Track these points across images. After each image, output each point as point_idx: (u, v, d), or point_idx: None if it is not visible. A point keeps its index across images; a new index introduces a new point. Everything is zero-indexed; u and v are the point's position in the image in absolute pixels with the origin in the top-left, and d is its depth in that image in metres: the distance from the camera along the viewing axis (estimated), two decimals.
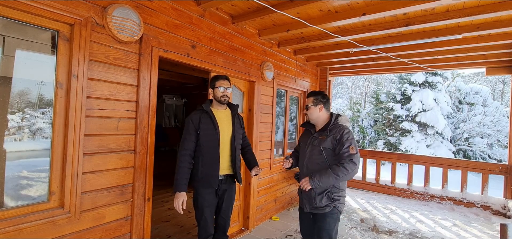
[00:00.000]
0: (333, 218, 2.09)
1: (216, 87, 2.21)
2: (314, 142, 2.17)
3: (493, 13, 2.58)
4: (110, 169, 2.03)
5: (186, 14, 2.60)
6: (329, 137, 2.09)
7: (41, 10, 1.65)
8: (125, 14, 2.00)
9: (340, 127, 2.11)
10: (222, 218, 2.30)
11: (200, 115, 2.16)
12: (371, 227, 4.02)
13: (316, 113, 2.20)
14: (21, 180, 1.82)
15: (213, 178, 2.14)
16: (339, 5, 2.75)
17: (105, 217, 2.01)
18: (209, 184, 2.14)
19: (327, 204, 2.07)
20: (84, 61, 1.83)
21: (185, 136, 2.14)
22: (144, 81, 2.21)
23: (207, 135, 2.14)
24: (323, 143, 2.09)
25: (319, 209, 2.10)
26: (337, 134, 2.06)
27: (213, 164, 2.14)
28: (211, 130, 2.15)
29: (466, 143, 11.39)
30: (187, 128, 2.15)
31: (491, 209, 4.70)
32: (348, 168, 1.96)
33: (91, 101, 1.90)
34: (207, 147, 2.13)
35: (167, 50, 2.40)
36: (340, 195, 2.12)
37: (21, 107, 1.88)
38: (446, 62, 4.58)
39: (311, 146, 2.18)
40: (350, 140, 2.03)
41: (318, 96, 2.21)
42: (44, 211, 1.70)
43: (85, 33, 1.83)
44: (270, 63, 3.87)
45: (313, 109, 2.20)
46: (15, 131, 1.93)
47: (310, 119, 2.24)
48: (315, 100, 2.20)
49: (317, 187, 2.03)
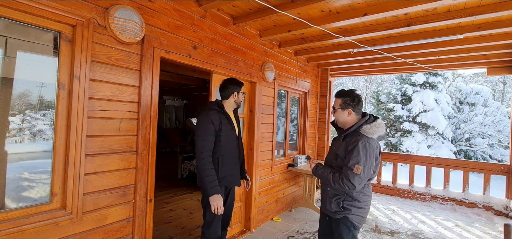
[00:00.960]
0: (346, 227, 1.92)
1: (240, 92, 2.33)
2: (334, 145, 2.04)
3: (494, 13, 2.58)
4: (112, 170, 2.03)
5: (188, 15, 2.60)
6: (343, 144, 1.90)
7: (43, 11, 1.65)
8: (127, 15, 2.00)
9: (359, 136, 1.82)
10: (226, 214, 2.36)
11: (220, 116, 2.19)
12: (373, 228, 4.01)
13: (344, 118, 1.95)
14: (22, 182, 1.82)
15: (235, 177, 2.26)
16: (340, 6, 2.76)
17: (107, 218, 2.01)
18: (230, 183, 2.23)
19: (337, 210, 1.93)
20: (86, 62, 1.83)
21: (205, 137, 2.10)
22: (146, 82, 2.21)
23: (228, 136, 2.21)
24: (338, 149, 1.93)
25: (329, 212, 2.02)
26: (352, 144, 1.81)
27: (234, 164, 2.26)
28: (230, 130, 2.24)
29: (467, 143, 11.37)
30: (207, 128, 2.11)
31: (493, 210, 4.69)
32: (343, 185, 1.80)
33: (93, 102, 1.90)
34: (228, 147, 2.20)
35: (169, 51, 2.40)
36: (353, 205, 1.89)
37: (22, 109, 1.88)
38: (447, 63, 4.57)
39: (332, 149, 2.07)
40: (359, 157, 1.76)
41: (347, 99, 1.93)
42: (46, 213, 1.70)
43: (87, 34, 1.83)
44: (271, 64, 3.87)
45: (340, 113, 1.96)
46: (16, 133, 1.93)
47: (338, 123, 2.02)
48: (343, 103, 1.94)
49: (316, 176, 2.05)
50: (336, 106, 1.98)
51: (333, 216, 2.00)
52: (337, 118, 2.00)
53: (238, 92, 2.32)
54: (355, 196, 1.90)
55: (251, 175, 3.60)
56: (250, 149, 3.62)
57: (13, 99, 1.81)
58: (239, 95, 2.33)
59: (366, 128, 1.84)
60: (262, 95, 3.73)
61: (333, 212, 1.97)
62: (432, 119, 10.69)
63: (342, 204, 1.90)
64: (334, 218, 1.99)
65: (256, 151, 3.63)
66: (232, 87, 2.31)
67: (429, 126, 10.93)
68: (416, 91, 11.44)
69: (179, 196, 5.03)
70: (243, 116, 3.57)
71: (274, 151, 4.10)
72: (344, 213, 1.90)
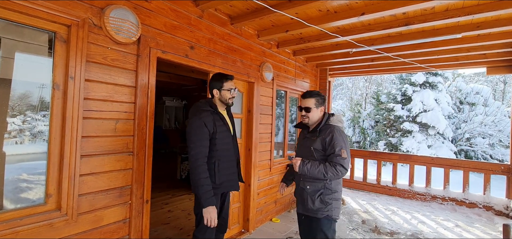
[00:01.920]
0: (329, 223, 2.01)
1: (224, 88, 2.08)
2: (306, 143, 2.12)
3: (493, 11, 2.57)
4: (108, 171, 2.02)
5: (185, 15, 2.60)
6: (318, 138, 2.02)
7: (38, 11, 1.64)
8: (122, 15, 1.99)
9: (331, 127, 2.03)
10: (223, 218, 2.26)
11: (213, 117, 2.03)
12: (372, 228, 3.99)
13: (318, 115, 2.11)
14: (21, 183, 1.80)
15: (233, 182, 2.13)
16: (338, 5, 2.74)
17: (103, 219, 1.99)
18: (229, 189, 2.12)
19: (320, 207, 1.99)
20: (81, 62, 1.82)
21: (200, 142, 1.93)
22: (142, 82, 2.20)
23: (224, 139, 2.06)
24: (313, 144, 2.04)
25: (310, 212, 2.03)
26: (327, 135, 1.99)
27: (232, 168, 2.13)
28: (225, 132, 2.09)
29: (467, 143, 11.34)
30: (201, 132, 1.94)
31: (493, 210, 4.66)
32: (338, 172, 1.92)
33: (89, 103, 1.89)
34: (224, 150, 2.06)
35: (166, 51, 2.39)
36: (333, 197, 2.02)
37: (22, 110, 1.87)
38: (447, 62, 4.56)
39: (303, 147, 2.14)
40: (341, 143, 1.96)
41: (319, 98, 2.10)
42: (41, 214, 1.68)
43: (82, 34, 1.82)
44: (270, 64, 3.86)
45: (316, 111, 2.10)
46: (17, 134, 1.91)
47: (310, 122, 2.12)
48: (317, 102, 2.09)
49: (304, 173, 1.97)
50: (311, 105, 2.08)
51: (314, 216, 2.02)
52: (312, 117, 2.09)
53: (220, 89, 2.08)
54: (334, 187, 2.02)
55: (250, 176, 3.58)
56: (248, 150, 3.61)
57: (14, 100, 1.80)
58: (221, 92, 2.09)
59: (334, 120, 2.08)
60: (260, 95, 3.72)
61: (315, 211, 2.00)
62: (432, 119, 10.66)
63: (325, 199, 1.98)
64: (315, 218, 2.02)
65: (254, 151, 3.61)
66: (212, 84, 2.11)
67: (429, 126, 10.91)
68: (416, 91, 11.42)
69: (178, 197, 5.02)
70: (241, 116, 3.55)
71: (273, 152, 4.09)
72: (326, 210, 1.99)
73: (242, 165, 3.60)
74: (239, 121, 3.54)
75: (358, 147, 13.49)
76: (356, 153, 6.40)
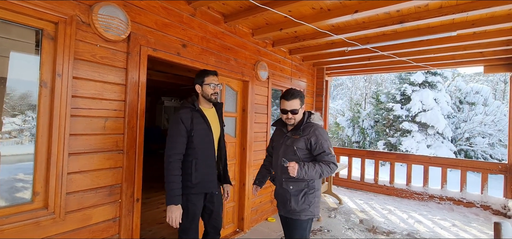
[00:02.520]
0: (309, 223, 2.01)
1: (205, 83, 2.04)
2: (287, 141, 2.03)
3: (487, 8, 2.55)
4: (97, 169, 2.00)
5: (176, 13, 2.58)
6: (302, 137, 1.96)
7: (24, 8, 1.63)
8: (111, 13, 1.98)
9: (314, 126, 1.99)
10: (215, 220, 2.18)
11: (192, 114, 1.98)
12: (369, 228, 3.97)
13: (301, 115, 2.06)
14: (16, 183, 1.79)
15: (211, 183, 2.04)
16: (331, 3, 2.73)
17: (92, 218, 1.98)
18: (206, 189, 2.02)
19: (304, 208, 1.94)
20: (69, 60, 1.81)
21: (175, 138, 1.91)
22: (132, 80, 2.19)
23: (201, 136, 1.99)
24: (296, 143, 1.97)
25: (293, 213, 1.97)
26: (312, 134, 1.94)
27: (210, 168, 2.03)
28: (205, 130, 2.01)
29: (467, 143, 11.29)
30: (177, 128, 1.93)
31: (491, 209, 4.64)
32: (331, 169, 1.91)
33: (77, 101, 1.88)
34: (202, 149, 1.99)
35: (157, 49, 2.38)
36: (316, 195, 2.00)
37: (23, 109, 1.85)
38: (443, 61, 4.53)
39: (284, 146, 2.04)
40: (327, 140, 1.96)
41: (302, 98, 2.05)
42: (28, 212, 1.67)
43: (70, 31, 1.81)
44: (265, 62, 3.84)
45: (301, 112, 2.04)
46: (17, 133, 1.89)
47: (295, 123, 2.05)
48: (301, 102, 2.03)
49: (302, 177, 1.86)
50: (297, 107, 2.00)
51: (297, 217, 1.96)
52: (297, 118, 2.03)
53: (201, 85, 2.04)
54: (316, 185, 2.01)
55: (244, 175, 3.57)
56: (243, 149, 3.59)
57: (14, 100, 1.79)
58: (202, 87, 2.04)
59: (315, 117, 2.08)
60: (255, 94, 3.70)
61: (298, 212, 1.95)
62: (431, 118, 10.62)
63: (309, 198, 1.96)
64: (295, 220, 1.97)
65: (249, 150, 3.60)
66: (195, 80, 2.09)
67: (428, 126, 10.87)
68: (415, 91, 11.37)
69: None
70: (236, 115, 3.54)
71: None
72: (309, 208, 1.96)
73: (237, 164, 3.58)
74: (234, 120, 3.53)
75: (357, 147, 13.45)
76: (354, 152, 6.38)
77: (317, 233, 3.72)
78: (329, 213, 4.50)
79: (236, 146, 3.54)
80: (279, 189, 2.10)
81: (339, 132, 14.37)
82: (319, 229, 3.84)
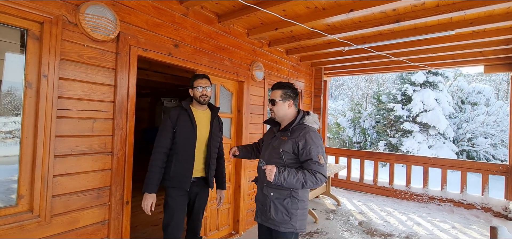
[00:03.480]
0: (292, 237, 1.81)
1: (194, 87, 2.14)
2: (274, 142, 1.87)
3: (485, 7, 2.49)
4: (84, 172, 1.97)
5: (168, 12, 2.55)
6: (290, 140, 1.78)
7: (8, 8, 1.60)
8: (99, 12, 1.95)
9: (305, 128, 1.78)
10: (193, 220, 2.23)
11: (179, 112, 2.09)
12: (367, 230, 3.91)
13: (284, 110, 1.87)
14: (13, 184, 1.76)
15: (185, 179, 2.05)
16: (326, 2, 2.69)
17: (79, 221, 1.95)
18: (179, 184, 2.05)
19: (283, 220, 1.75)
20: (55, 60, 1.78)
21: (161, 133, 2.06)
22: (122, 81, 2.16)
23: (184, 133, 2.06)
24: (283, 145, 1.79)
25: (272, 223, 1.80)
26: (301, 138, 1.74)
27: (187, 164, 2.06)
28: (188, 128, 2.07)
29: (469, 143, 11.17)
30: (164, 124, 2.07)
31: (492, 211, 4.56)
32: (318, 180, 1.69)
33: (63, 102, 1.85)
34: (182, 145, 2.05)
35: (147, 49, 2.34)
36: (300, 207, 1.77)
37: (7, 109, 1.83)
38: (442, 60, 4.47)
39: (271, 146, 1.88)
40: (318, 147, 1.73)
41: (287, 90, 1.87)
42: (11, 216, 1.64)
43: (55, 31, 1.78)
44: (261, 63, 3.80)
45: (281, 105, 1.86)
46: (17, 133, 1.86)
47: (276, 117, 1.90)
48: (283, 95, 1.86)
49: (280, 183, 1.67)
50: (276, 97, 1.85)
51: (277, 229, 1.77)
52: (277, 111, 1.87)
53: (192, 88, 2.15)
54: (301, 196, 1.79)
55: (239, 177, 3.53)
56: None
57: (17, 101, 1.77)
58: (193, 90, 2.14)
59: (310, 120, 1.85)
60: (250, 95, 3.66)
61: (278, 222, 1.76)
62: (432, 119, 10.52)
63: (291, 210, 1.75)
64: (278, 231, 1.78)
65: None
66: (190, 83, 2.19)
67: (429, 126, 10.77)
68: (416, 91, 11.28)
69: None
70: (231, 116, 3.50)
71: None
72: (291, 222, 1.76)
73: (232, 166, 3.54)
74: (229, 121, 3.49)
75: (358, 148, 13.37)
76: (353, 153, 6.31)
77: (314, 235, 3.67)
78: (327, 215, 4.45)
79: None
80: (259, 194, 1.94)
81: (340, 133, 14.30)
82: (316, 231, 3.79)
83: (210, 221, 3.19)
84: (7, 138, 1.75)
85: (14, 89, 1.75)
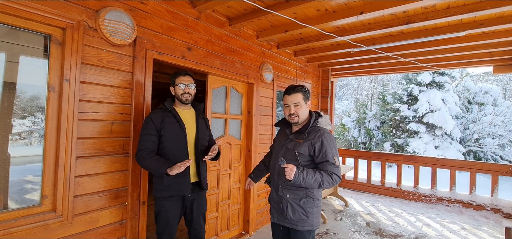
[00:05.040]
0: (309, 236, 1.84)
1: (175, 84, 2.01)
2: (289, 144, 1.86)
3: (496, 8, 2.49)
4: (103, 173, 2.02)
5: (182, 16, 2.60)
6: (306, 142, 1.78)
7: (33, 14, 1.66)
8: (117, 17, 2.00)
9: (320, 130, 1.80)
10: (195, 229, 2.13)
11: (163, 115, 1.95)
12: (375, 231, 3.92)
13: (306, 111, 1.87)
14: (26, 184, 1.82)
15: (184, 185, 1.95)
16: (336, 4, 2.71)
17: (98, 221, 2.00)
18: (178, 192, 1.94)
19: (301, 219, 1.79)
20: (77, 64, 1.83)
21: (142, 137, 1.90)
22: (139, 83, 2.21)
23: (173, 136, 1.94)
24: (299, 147, 1.79)
25: (289, 222, 1.83)
26: (317, 140, 1.76)
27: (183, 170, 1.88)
28: (176, 130, 1.95)
29: (476, 144, 11.07)
30: (145, 127, 1.91)
31: (502, 212, 4.53)
32: (334, 181, 1.72)
33: (84, 105, 1.90)
34: (173, 149, 1.93)
35: (162, 52, 2.39)
36: (315, 205, 1.82)
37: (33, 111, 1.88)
38: (451, 61, 4.45)
39: (285, 148, 1.87)
40: (333, 149, 1.76)
41: (305, 92, 1.87)
42: (36, 215, 1.70)
43: (77, 36, 1.84)
44: (270, 64, 3.84)
45: (304, 107, 1.85)
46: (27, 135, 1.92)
47: (299, 119, 1.86)
48: (304, 96, 1.85)
49: (299, 182, 1.67)
50: (299, 100, 1.83)
51: (295, 227, 1.81)
52: (301, 114, 1.84)
53: (173, 86, 2.03)
54: (316, 195, 1.83)
55: None
56: (248, 151, 3.59)
57: (24, 102, 1.82)
58: (175, 88, 2.03)
59: (323, 122, 1.86)
60: (260, 96, 3.70)
61: (295, 222, 1.79)
62: (439, 119, 10.45)
63: (307, 209, 1.79)
64: (295, 230, 1.82)
65: (254, 152, 3.60)
66: (171, 80, 2.06)
67: (436, 127, 10.70)
68: (423, 91, 11.21)
69: None
70: (241, 117, 3.54)
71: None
72: (308, 220, 1.79)
73: (242, 167, 3.58)
74: (239, 122, 3.53)
75: (363, 148, 13.32)
76: (360, 154, 6.31)
77: (323, 236, 3.69)
78: (335, 216, 4.46)
79: (241, 148, 3.54)
80: (274, 195, 1.95)
81: (345, 133, 14.26)
82: (325, 232, 3.81)
83: (221, 222, 3.23)
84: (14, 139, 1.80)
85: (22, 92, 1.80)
